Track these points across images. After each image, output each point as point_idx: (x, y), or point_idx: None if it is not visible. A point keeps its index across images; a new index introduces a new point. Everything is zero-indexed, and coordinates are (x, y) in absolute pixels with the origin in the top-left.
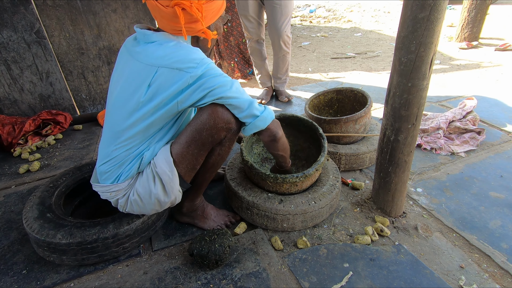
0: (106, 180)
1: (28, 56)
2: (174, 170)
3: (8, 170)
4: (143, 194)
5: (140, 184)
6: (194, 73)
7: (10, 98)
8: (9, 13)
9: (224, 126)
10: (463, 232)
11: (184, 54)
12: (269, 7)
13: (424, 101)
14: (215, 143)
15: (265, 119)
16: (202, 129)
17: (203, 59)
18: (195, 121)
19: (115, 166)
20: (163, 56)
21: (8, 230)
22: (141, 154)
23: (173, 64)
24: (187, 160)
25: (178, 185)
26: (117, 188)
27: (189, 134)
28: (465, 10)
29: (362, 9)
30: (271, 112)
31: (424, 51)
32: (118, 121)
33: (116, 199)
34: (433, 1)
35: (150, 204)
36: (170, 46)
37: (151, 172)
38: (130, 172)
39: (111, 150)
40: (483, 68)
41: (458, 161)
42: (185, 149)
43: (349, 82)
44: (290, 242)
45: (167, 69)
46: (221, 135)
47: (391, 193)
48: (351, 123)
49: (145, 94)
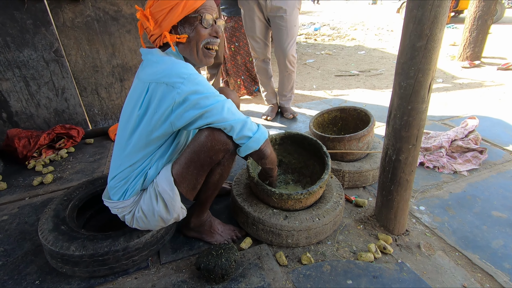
0: (114, 195)
1: (46, 73)
2: (175, 189)
3: (22, 182)
4: (147, 212)
5: (144, 201)
6: (181, 89)
7: (27, 113)
8: (31, 34)
9: (221, 148)
10: (465, 251)
11: (171, 69)
12: (275, 29)
13: (424, 123)
14: (214, 163)
15: (258, 140)
16: (200, 151)
17: (192, 74)
18: (193, 142)
19: (121, 182)
20: (154, 72)
21: (22, 241)
22: (144, 170)
23: (161, 78)
24: (188, 180)
25: (179, 203)
26: (123, 205)
27: (188, 156)
28: (466, 30)
29: (366, 28)
30: (264, 131)
31: (423, 77)
32: (122, 137)
33: (123, 215)
34: (429, 31)
35: (154, 221)
36: (162, 62)
37: (153, 190)
38: (134, 188)
39: (117, 165)
40: (486, 87)
41: (460, 180)
42: (185, 170)
43: (352, 99)
44: (295, 258)
45: (156, 83)
46: (219, 156)
47: (393, 211)
48: (354, 141)
49: (139, 108)
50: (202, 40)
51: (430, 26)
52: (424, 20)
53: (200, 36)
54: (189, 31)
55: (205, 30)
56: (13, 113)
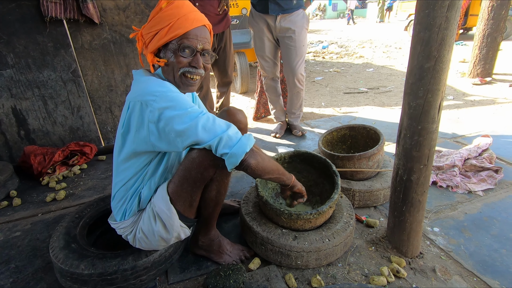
0: (117, 216)
1: (63, 93)
2: (171, 207)
3: (36, 198)
4: (147, 232)
5: (143, 222)
6: (153, 107)
7: (43, 130)
8: (51, 56)
9: (210, 163)
10: (484, 277)
11: (146, 87)
12: (284, 48)
13: (435, 142)
14: (206, 180)
15: (235, 155)
16: (191, 168)
17: (165, 92)
18: (185, 159)
19: (119, 202)
20: (134, 91)
21: (33, 258)
22: (137, 190)
23: (137, 97)
24: (183, 198)
25: (178, 222)
26: (124, 225)
27: (181, 173)
28: (476, 48)
29: (374, 45)
30: (245, 143)
31: (432, 97)
32: (115, 157)
33: (125, 235)
34: (437, 53)
35: (155, 241)
36: (141, 82)
37: (151, 210)
38: (131, 209)
39: (114, 185)
40: (498, 104)
41: (475, 200)
42: (179, 187)
43: (362, 116)
44: (304, 280)
45: (134, 102)
46: (210, 172)
47: (406, 233)
48: (364, 160)
49: (122, 127)
50: (179, 67)
51: (437, 48)
52: (431, 42)
53: (178, 63)
54: (169, 56)
55: (184, 58)
56: (30, 131)
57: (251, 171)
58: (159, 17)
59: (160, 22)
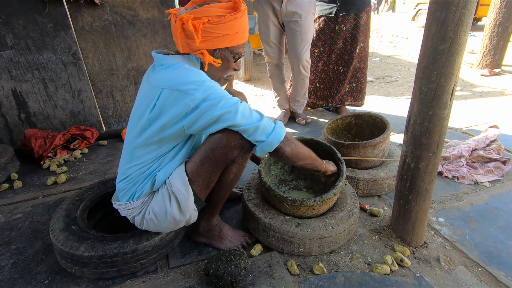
0: (123, 198)
1: (63, 76)
2: (189, 188)
3: (37, 182)
4: (159, 213)
5: (156, 203)
6: (194, 95)
7: (44, 114)
8: (50, 37)
9: (237, 144)
10: (489, 267)
11: (186, 76)
12: (290, 34)
13: (445, 130)
14: (229, 161)
15: (270, 144)
16: (216, 147)
17: (204, 81)
18: (209, 139)
19: (129, 184)
20: (167, 78)
21: (34, 240)
22: (153, 173)
23: (174, 85)
24: (202, 178)
25: (193, 204)
26: (132, 206)
27: (203, 152)
28: (486, 37)
29: (380, 35)
30: (279, 132)
31: (445, 81)
32: (131, 140)
33: (132, 216)
34: (453, 34)
35: (166, 222)
36: (175, 69)
37: (166, 191)
38: (143, 191)
39: (126, 168)
40: (507, 96)
41: (482, 191)
42: (200, 167)
43: (366, 106)
44: (306, 267)
45: (169, 90)
46: (234, 153)
47: (411, 222)
48: (369, 148)
49: (150, 112)
50: (228, 70)
51: (454, 28)
52: (448, 22)
53: (229, 67)
54: (225, 58)
55: (234, 64)
56: (31, 114)
57: (286, 158)
58: (231, 23)
59: (231, 28)
